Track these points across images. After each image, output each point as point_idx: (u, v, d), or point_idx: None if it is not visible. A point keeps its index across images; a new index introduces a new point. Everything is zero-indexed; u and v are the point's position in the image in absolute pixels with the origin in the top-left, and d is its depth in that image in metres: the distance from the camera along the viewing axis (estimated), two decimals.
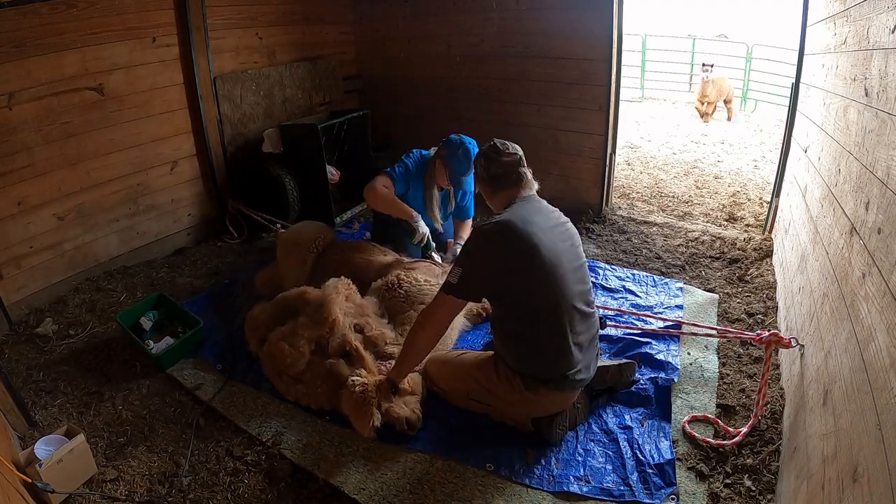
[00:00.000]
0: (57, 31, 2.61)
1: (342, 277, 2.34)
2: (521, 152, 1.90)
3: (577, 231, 1.93)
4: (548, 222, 1.80)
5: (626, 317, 2.53)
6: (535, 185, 1.90)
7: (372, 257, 2.59)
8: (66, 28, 2.65)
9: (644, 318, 2.48)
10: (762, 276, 2.82)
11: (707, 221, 3.71)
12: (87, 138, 2.86)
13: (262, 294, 2.67)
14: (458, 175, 2.53)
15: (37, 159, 2.67)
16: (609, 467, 1.76)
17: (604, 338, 2.34)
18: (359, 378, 1.88)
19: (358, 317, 2.21)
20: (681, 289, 2.74)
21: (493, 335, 1.92)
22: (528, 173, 1.89)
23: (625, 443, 1.83)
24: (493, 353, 1.91)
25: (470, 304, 2.30)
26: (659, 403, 1.99)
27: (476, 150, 2.51)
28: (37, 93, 2.60)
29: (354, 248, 2.68)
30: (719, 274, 2.91)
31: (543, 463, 1.77)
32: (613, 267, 3.00)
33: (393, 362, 1.98)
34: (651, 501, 1.63)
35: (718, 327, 2.35)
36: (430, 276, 2.43)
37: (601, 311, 2.55)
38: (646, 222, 3.65)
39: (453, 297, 1.75)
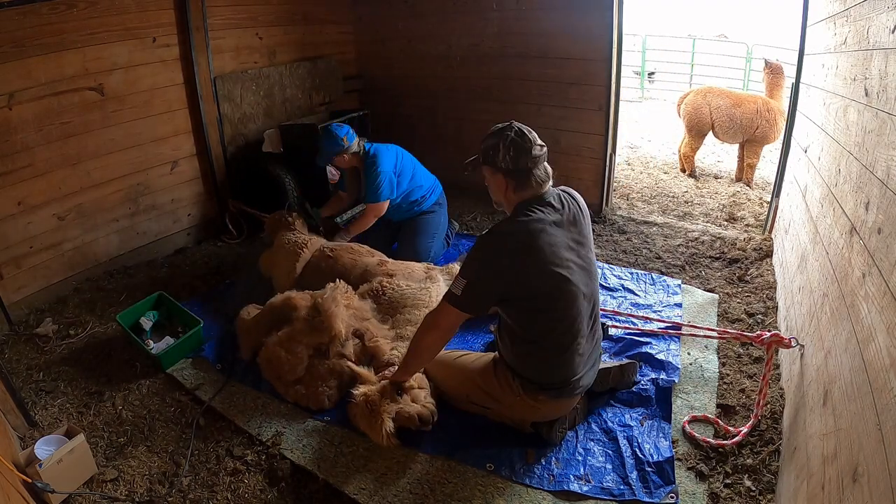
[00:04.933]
0: (57, 31, 2.61)
1: (339, 282, 2.31)
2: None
3: (587, 217, 1.76)
4: (562, 231, 1.64)
5: (626, 317, 2.52)
6: (550, 182, 1.70)
7: (358, 258, 2.64)
8: (66, 28, 2.65)
9: (644, 319, 2.47)
10: (762, 276, 2.82)
11: (707, 221, 3.71)
12: (87, 138, 2.86)
13: (265, 275, 2.80)
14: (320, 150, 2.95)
15: (37, 159, 2.66)
16: (609, 466, 1.76)
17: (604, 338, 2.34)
18: (361, 388, 1.86)
19: (358, 321, 2.21)
20: (679, 286, 2.74)
21: (498, 331, 1.87)
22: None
23: (624, 442, 1.83)
24: (493, 354, 1.90)
25: None
26: (659, 403, 1.99)
27: (334, 131, 2.83)
28: (37, 93, 2.60)
29: (345, 247, 2.73)
30: (719, 274, 2.91)
31: (543, 462, 1.77)
32: (612, 266, 3.00)
33: (393, 368, 1.96)
34: (650, 500, 1.63)
35: (719, 329, 2.35)
36: (410, 280, 2.47)
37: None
38: (646, 222, 3.65)
39: (457, 309, 1.65)
